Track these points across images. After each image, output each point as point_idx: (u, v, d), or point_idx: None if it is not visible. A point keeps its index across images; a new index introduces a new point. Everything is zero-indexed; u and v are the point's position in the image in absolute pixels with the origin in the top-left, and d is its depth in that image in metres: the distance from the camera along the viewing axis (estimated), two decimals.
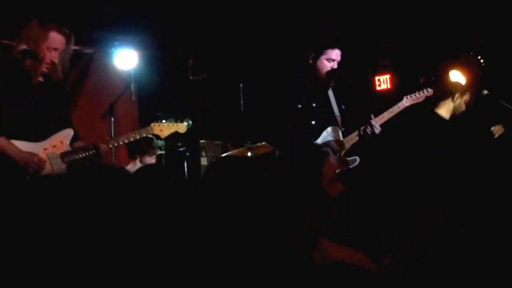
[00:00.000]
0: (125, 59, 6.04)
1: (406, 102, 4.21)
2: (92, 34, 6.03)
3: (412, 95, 4.25)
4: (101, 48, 6.37)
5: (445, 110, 4.59)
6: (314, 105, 4.12)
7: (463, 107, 4.59)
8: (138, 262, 1.76)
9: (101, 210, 1.82)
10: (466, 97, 4.59)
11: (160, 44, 6.60)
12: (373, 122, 4.04)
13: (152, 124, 3.89)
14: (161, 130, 3.95)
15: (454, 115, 4.61)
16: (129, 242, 1.80)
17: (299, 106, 4.09)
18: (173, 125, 4.02)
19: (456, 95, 4.58)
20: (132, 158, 5.38)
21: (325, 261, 2.07)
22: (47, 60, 3.49)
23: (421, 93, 4.26)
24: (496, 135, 4.64)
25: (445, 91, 4.64)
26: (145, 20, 5.90)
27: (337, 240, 2.29)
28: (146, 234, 1.87)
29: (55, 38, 3.50)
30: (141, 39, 6.20)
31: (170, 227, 1.93)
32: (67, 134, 3.60)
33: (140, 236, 1.84)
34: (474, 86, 4.72)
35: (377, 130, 4.03)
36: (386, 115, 4.12)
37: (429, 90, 4.29)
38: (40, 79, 3.54)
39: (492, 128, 4.65)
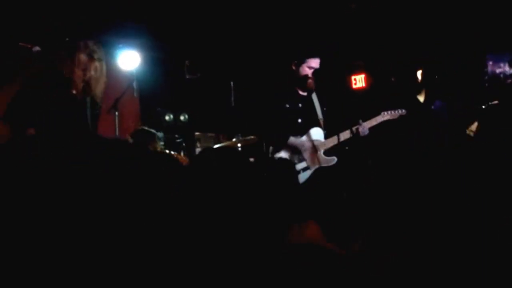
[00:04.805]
0: (128, 60, 6.22)
1: (383, 117, 4.51)
2: (99, 38, 5.94)
3: (389, 112, 4.55)
4: (106, 50, 6.42)
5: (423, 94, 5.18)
6: (300, 105, 4.38)
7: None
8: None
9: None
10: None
11: (159, 46, 6.76)
12: (364, 124, 4.34)
13: None
14: None
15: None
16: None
17: (287, 106, 4.35)
18: None
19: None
20: None
21: (298, 240, 2.02)
22: (76, 79, 3.60)
23: (397, 112, 4.58)
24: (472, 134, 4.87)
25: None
26: (146, 25, 6.12)
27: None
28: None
29: (81, 60, 3.63)
30: (142, 42, 6.36)
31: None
32: None
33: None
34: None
35: (366, 132, 4.34)
36: (367, 124, 4.39)
37: (403, 110, 4.59)
38: (74, 91, 3.62)
39: (469, 127, 4.91)
